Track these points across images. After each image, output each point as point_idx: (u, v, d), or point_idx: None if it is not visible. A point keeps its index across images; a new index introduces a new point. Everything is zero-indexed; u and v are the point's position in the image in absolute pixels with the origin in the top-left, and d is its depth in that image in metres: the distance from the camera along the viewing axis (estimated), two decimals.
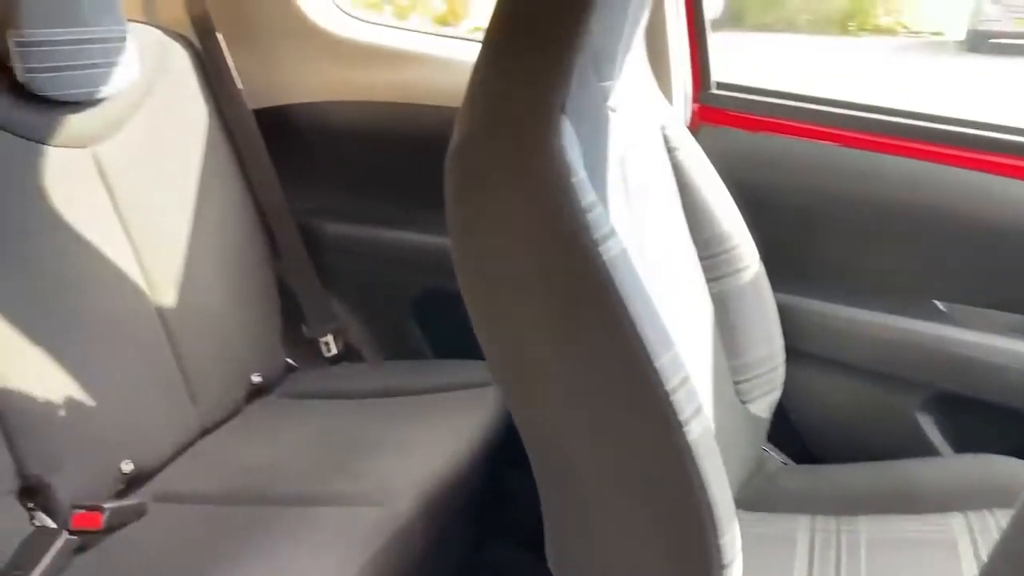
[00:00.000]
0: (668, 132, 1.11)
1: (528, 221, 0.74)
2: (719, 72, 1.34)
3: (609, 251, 0.72)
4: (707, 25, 1.30)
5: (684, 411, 0.73)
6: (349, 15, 1.54)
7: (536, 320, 0.75)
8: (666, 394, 0.72)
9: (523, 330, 0.76)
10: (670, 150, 1.11)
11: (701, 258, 1.12)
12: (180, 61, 1.40)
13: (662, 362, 0.72)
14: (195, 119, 1.41)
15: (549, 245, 0.73)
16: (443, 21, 4.48)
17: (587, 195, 0.73)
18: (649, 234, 0.98)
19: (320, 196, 1.56)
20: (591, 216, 0.72)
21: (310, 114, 1.53)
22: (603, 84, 0.88)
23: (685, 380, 0.74)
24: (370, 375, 1.50)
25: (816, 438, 1.29)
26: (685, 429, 0.73)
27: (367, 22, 1.55)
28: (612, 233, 0.74)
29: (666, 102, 1.15)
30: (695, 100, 1.32)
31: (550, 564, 0.87)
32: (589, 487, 0.81)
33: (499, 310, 0.77)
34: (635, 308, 0.72)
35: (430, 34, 1.56)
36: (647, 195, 1.01)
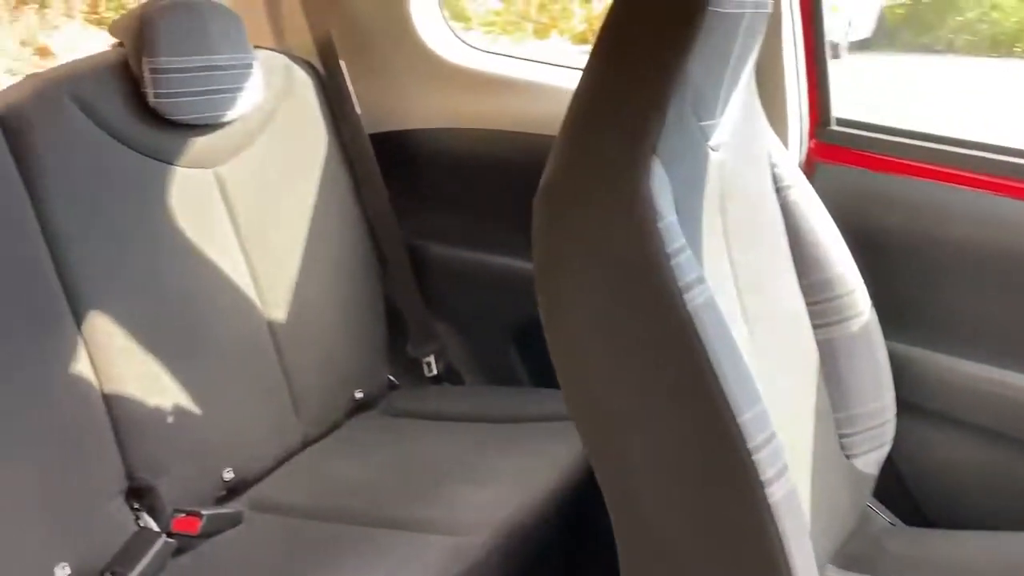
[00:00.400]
0: (778, 171, 1.07)
1: (610, 264, 0.72)
2: (858, 95, 1.27)
3: (694, 299, 0.70)
4: (827, 56, 1.25)
5: (767, 471, 0.69)
6: (466, 44, 1.57)
7: (613, 364, 0.74)
8: (748, 452, 0.69)
9: (599, 372, 0.75)
10: (779, 189, 1.07)
11: (808, 303, 1.07)
12: (303, 85, 1.46)
13: (745, 418, 0.69)
14: (314, 141, 1.47)
15: (631, 290, 0.72)
16: (583, 40, 4.48)
17: (674, 240, 0.71)
18: (749, 278, 0.95)
19: (429, 219, 1.59)
20: (676, 262, 0.70)
21: (424, 140, 1.56)
22: (703, 123, 0.86)
23: (770, 438, 0.71)
24: (468, 398, 1.52)
25: (928, 499, 1.21)
26: (767, 491, 0.69)
27: (483, 51, 1.57)
28: (699, 280, 0.71)
29: (777, 139, 1.11)
30: (811, 137, 1.27)
31: None
32: (664, 533, 0.78)
33: (577, 349, 0.76)
34: (719, 360, 0.69)
35: (545, 63, 1.57)
36: (750, 237, 0.98)
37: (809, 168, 1.24)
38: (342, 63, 1.51)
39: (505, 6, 5.14)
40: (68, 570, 1.02)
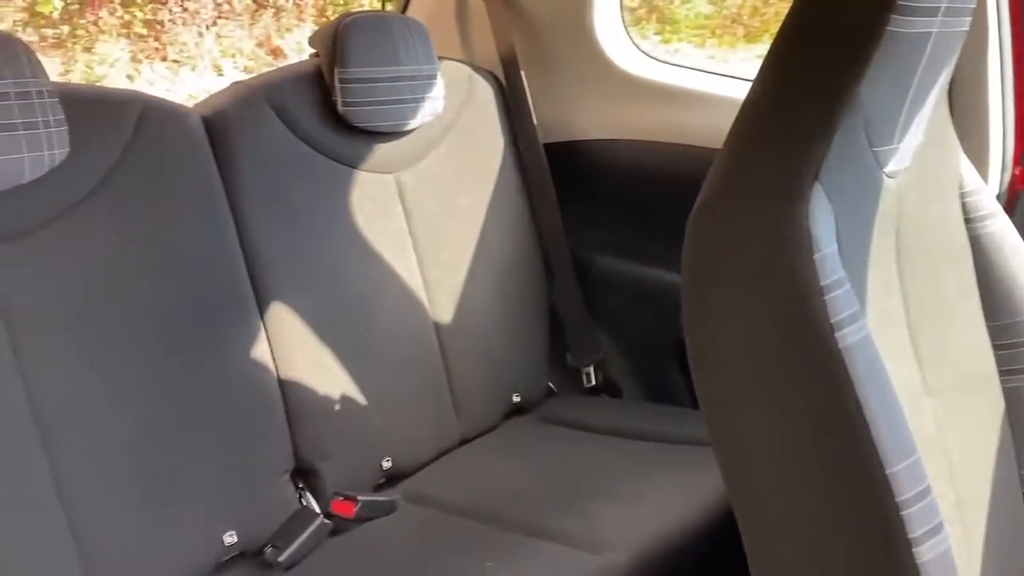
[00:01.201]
0: (971, 200, 0.98)
1: (760, 295, 0.69)
2: None
3: (846, 337, 0.66)
4: None
5: (916, 529, 0.64)
6: (645, 54, 1.56)
7: (756, 396, 0.71)
8: (896, 507, 0.64)
9: (742, 403, 0.72)
10: (970, 221, 0.98)
11: (997, 348, 0.98)
12: (484, 95, 1.51)
13: (896, 470, 0.64)
14: (491, 150, 1.51)
15: (780, 322, 0.68)
16: None
17: (831, 274, 0.67)
18: (924, 317, 0.88)
19: (597, 230, 1.59)
20: (831, 297, 0.66)
21: (596, 150, 1.56)
22: (878, 149, 0.80)
23: (925, 493, 0.65)
24: (624, 413, 1.50)
25: None
26: (915, 550, 0.64)
27: (661, 62, 1.55)
28: (854, 317, 0.67)
29: (971, 166, 1.02)
30: (1016, 163, 1.15)
31: None
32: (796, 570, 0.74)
33: (720, 376, 0.74)
34: (870, 404, 0.65)
35: (727, 76, 1.53)
36: (929, 272, 0.90)
37: (1011, 197, 1.13)
38: (522, 74, 1.54)
39: (716, 10, 5.03)
40: (235, 538, 1.12)
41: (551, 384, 1.63)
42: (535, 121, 1.54)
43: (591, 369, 1.60)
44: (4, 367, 0.96)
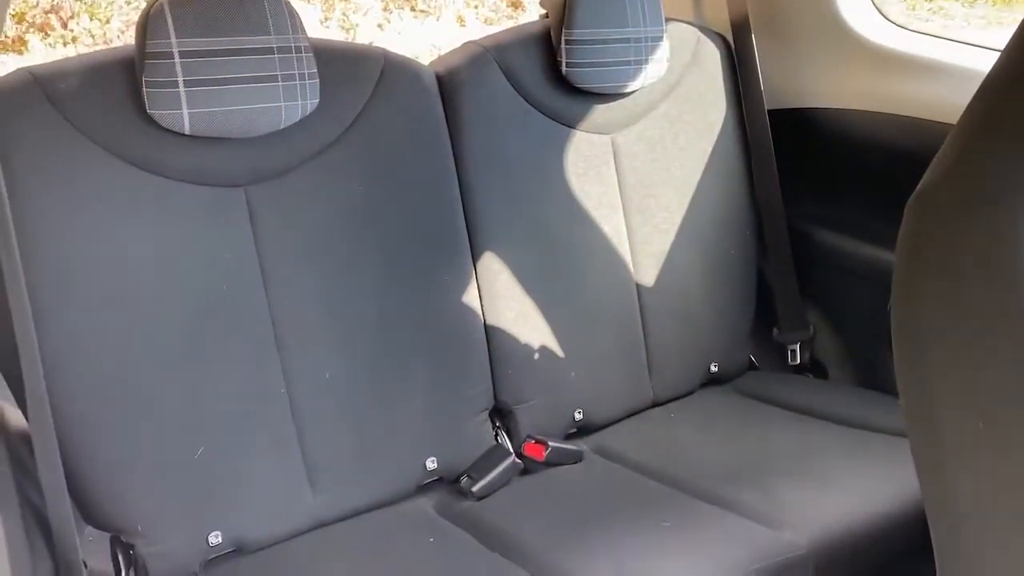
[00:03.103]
0: None
1: (972, 291, 0.66)
2: None
3: None
4: None
5: None
6: (889, 20, 1.46)
7: (960, 392, 0.67)
8: None
9: (944, 400, 0.69)
10: None
11: None
12: (711, 58, 1.49)
13: None
14: (713, 114, 1.49)
15: (994, 325, 0.65)
16: None
17: None
18: None
19: (816, 202, 1.53)
20: None
21: (824, 120, 1.50)
22: None
23: None
24: (826, 394, 1.45)
25: None
26: None
27: (907, 29, 1.44)
28: None
29: None
30: None
31: None
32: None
33: (922, 370, 0.71)
34: None
35: (979, 47, 1.40)
36: None
37: None
38: (753, 37, 1.50)
39: None
40: (436, 464, 1.22)
41: (753, 358, 1.60)
42: (762, 86, 1.50)
43: (797, 347, 1.56)
44: (254, 291, 1.10)
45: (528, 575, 1.00)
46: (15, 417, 1.02)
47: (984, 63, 1.34)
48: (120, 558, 1.03)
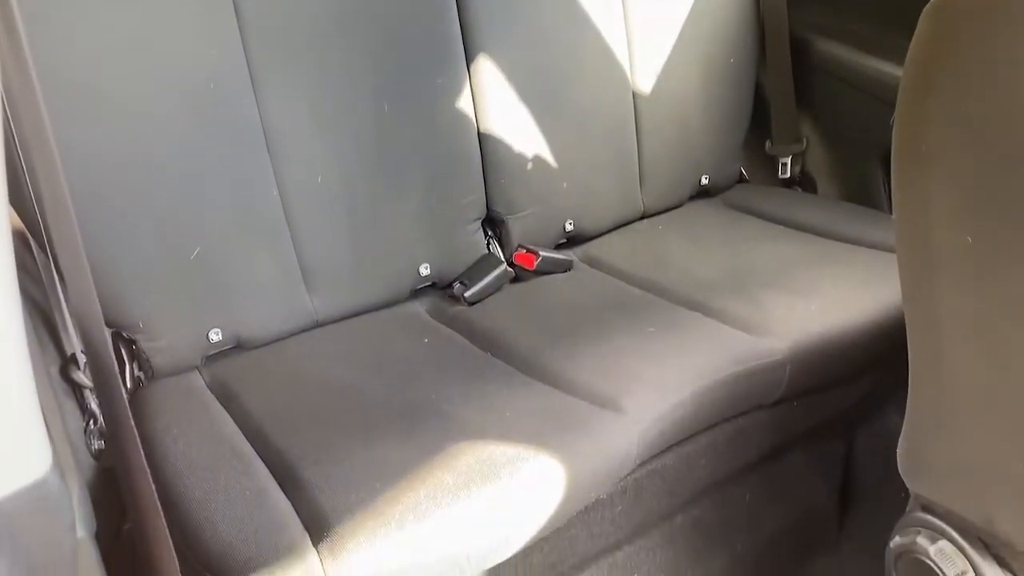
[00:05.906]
0: None
1: (992, 105, 0.64)
2: None
3: None
4: None
5: None
6: None
7: (955, 208, 0.68)
8: None
9: (940, 215, 0.69)
10: None
11: None
12: None
13: None
14: None
15: (992, 141, 0.64)
16: None
17: None
18: None
19: (820, 10, 1.47)
20: None
21: None
22: None
23: None
24: (813, 208, 1.46)
25: None
26: None
27: None
28: None
29: None
30: None
31: (900, 468, 0.84)
32: (958, 400, 0.75)
33: (921, 184, 0.71)
34: None
35: None
36: None
37: None
38: None
39: None
40: (429, 271, 1.24)
41: (743, 170, 1.60)
42: None
43: (789, 159, 1.56)
44: (243, 93, 1.07)
45: (515, 370, 1.04)
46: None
47: None
48: (123, 353, 1.06)
